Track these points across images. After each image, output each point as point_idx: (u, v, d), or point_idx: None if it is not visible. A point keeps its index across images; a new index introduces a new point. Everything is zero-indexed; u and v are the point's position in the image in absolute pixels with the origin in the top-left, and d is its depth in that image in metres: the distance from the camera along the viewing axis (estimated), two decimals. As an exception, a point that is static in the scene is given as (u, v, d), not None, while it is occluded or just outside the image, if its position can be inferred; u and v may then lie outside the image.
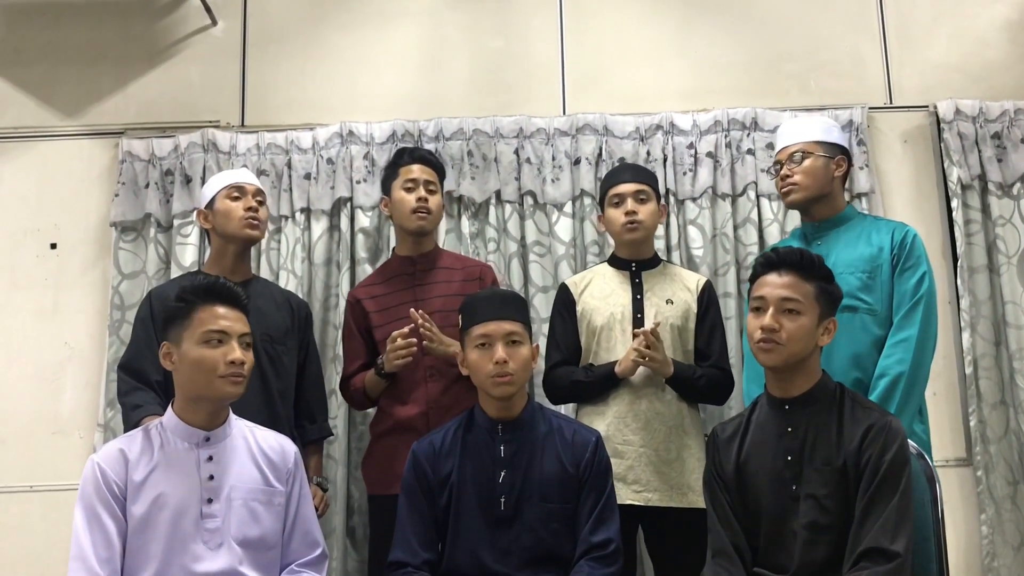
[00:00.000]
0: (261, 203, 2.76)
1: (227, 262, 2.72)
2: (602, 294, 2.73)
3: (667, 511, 2.55)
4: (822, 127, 2.64)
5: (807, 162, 2.57)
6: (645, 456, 2.56)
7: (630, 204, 2.69)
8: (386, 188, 2.86)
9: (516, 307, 2.31)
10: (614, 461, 2.54)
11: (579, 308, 2.74)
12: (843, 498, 1.96)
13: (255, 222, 2.72)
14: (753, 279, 2.13)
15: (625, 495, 2.53)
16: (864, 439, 1.97)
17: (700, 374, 2.63)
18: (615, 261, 2.80)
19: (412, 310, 2.61)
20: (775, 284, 2.06)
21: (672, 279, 2.75)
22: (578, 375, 2.67)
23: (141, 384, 2.55)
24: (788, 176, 2.59)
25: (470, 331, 2.27)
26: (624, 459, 2.56)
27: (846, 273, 2.46)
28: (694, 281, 2.76)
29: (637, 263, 2.75)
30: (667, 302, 2.68)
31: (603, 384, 2.62)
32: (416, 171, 2.79)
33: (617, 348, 2.63)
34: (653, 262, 2.77)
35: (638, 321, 2.66)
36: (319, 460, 2.87)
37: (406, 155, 2.85)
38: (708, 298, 2.73)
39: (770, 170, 2.66)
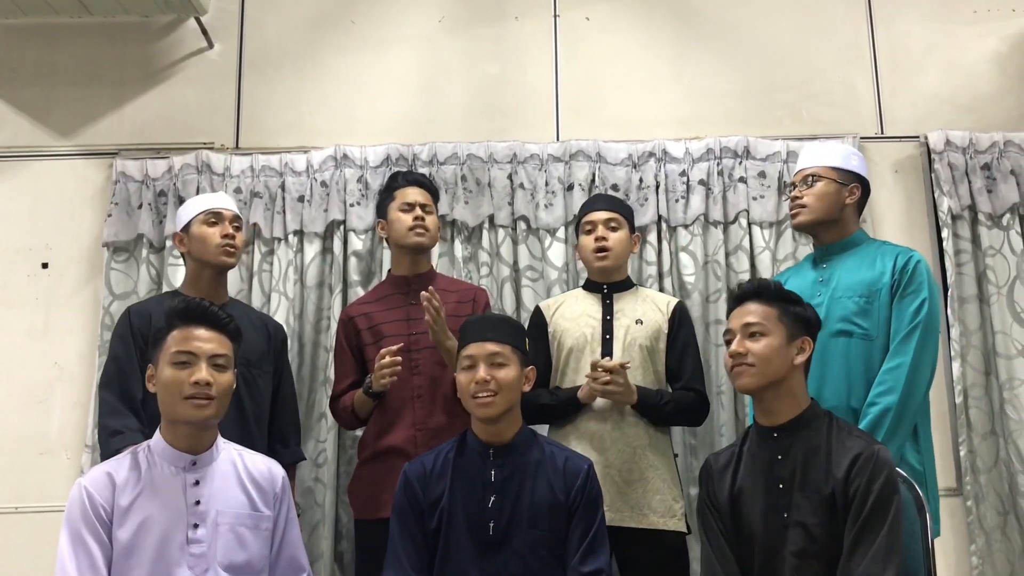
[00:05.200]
0: (238, 229, 2.77)
1: (203, 286, 2.72)
2: (572, 315, 2.74)
3: (626, 531, 2.52)
4: (841, 154, 2.63)
5: (818, 186, 2.57)
6: (608, 477, 2.53)
7: (600, 231, 2.72)
8: (382, 211, 2.88)
9: (503, 330, 2.31)
10: None
11: (551, 329, 2.75)
12: (831, 526, 1.97)
13: (231, 249, 2.73)
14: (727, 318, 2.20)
15: None
16: (852, 468, 1.98)
17: (667, 400, 2.62)
18: (588, 284, 2.81)
19: (424, 292, 2.59)
20: (738, 314, 2.14)
21: (643, 300, 2.75)
22: (544, 398, 2.66)
23: (123, 406, 2.52)
24: (798, 198, 2.60)
25: (459, 353, 2.31)
26: None
27: (844, 297, 2.47)
28: (665, 302, 2.76)
29: (609, 285, 2.76)
30: (636, 322, 2.68)
31: (568, 407, 2.63)
32: (412, 193, 2.82)
33: (585, 370, 2.60)
34: (625, 284, 2.78)
35: (606, 342, 2.66)
36: (292, 484, 2.85)
37: (401, 178, 2.89)
38: (680, 318, 2.72)
39: (787, 189, 2.70)
